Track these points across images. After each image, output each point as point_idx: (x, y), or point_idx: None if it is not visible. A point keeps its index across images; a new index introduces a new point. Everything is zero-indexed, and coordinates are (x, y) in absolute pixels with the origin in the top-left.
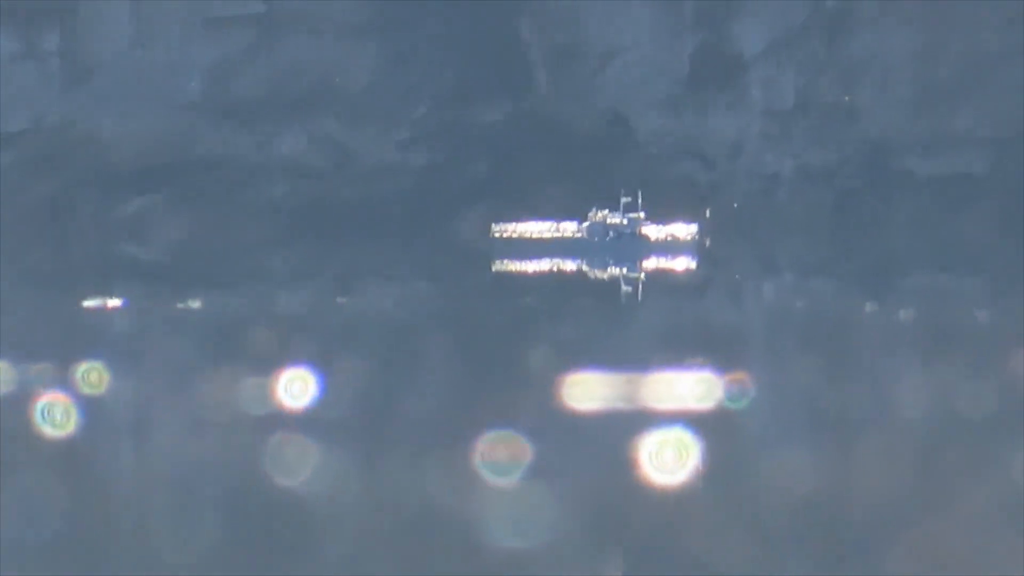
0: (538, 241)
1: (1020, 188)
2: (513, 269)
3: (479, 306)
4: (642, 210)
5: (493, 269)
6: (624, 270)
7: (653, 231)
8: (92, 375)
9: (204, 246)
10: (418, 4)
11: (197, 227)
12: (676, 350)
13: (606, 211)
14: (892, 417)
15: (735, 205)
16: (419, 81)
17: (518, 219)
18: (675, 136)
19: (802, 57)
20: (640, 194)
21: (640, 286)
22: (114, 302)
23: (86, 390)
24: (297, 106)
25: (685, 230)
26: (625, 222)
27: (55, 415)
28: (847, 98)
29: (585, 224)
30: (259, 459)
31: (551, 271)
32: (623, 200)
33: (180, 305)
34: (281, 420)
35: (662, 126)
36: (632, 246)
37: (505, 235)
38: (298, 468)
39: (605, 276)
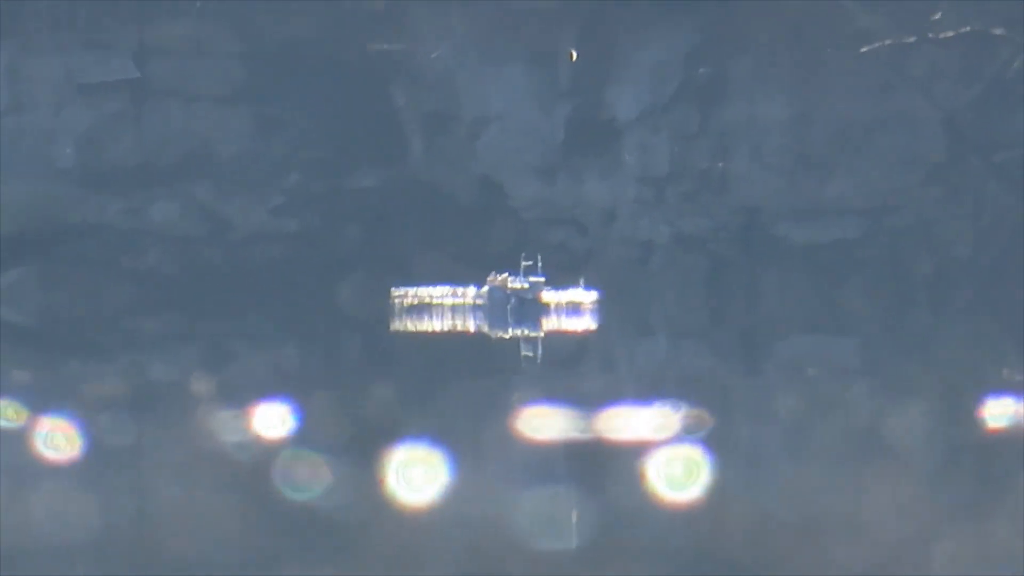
0: (438, 306)
1: (890, 255)
2: (406, 331)
3: (356, 372)
4: (542, 274)
5: (389, 331)
6: (524, 332)
7: (552, 296)
8: None
9: (77, 313)
10: (291, 71)
11: (71, 295)
12: (556, 417)
13: (506, 275)
14: (763, 485)
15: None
16: (292, 148)
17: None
18: (550, 202)
19: (676, 124)
20: (539, 258)
21: (540, 349)
22: None
23: None
24: (170, 173)
25: (585, 295)
26: (526, 286)
27: None
28: (720, 164)
29: (485, 289)
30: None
31: (450, 332)
32: (523, 264)
33: (51, 371)
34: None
35: (537, 192)
36: (533, 310)
37: (405, 300)
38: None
39: (506, 337)
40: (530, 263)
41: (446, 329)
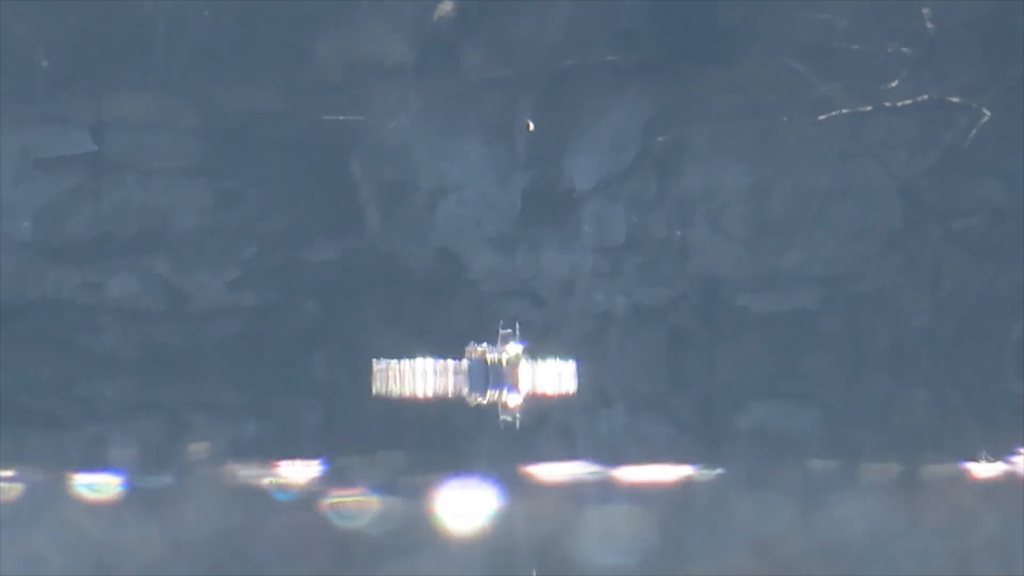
0: (420, 375)
1: (849, 323)
2: (387, 398)
3: (312, 442)
4: (521, 341)
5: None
6: (504, 398)
7: (530, 368)
8: None
9: (36, 387)
10: (247, 144)
11: (30, 369)
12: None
13: (484, 345)
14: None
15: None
16: (249, 221)
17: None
18: (507, 274)
19: (633, 193)
20: (517, 326)
21: (518, 417)
22: None
23: None
24: (128, 247)
25: (563, 366)
26: (504, 360)
27: None
28: (678, 233)
29: (464, 362)
30: None
31: (430, 399)
32: (501, 332)
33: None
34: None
35: (495, 264)
36: (511, 378)
37: (386, 370)
38: None
39: (484, 403)
40: (508, 331)
41: (428, 396)
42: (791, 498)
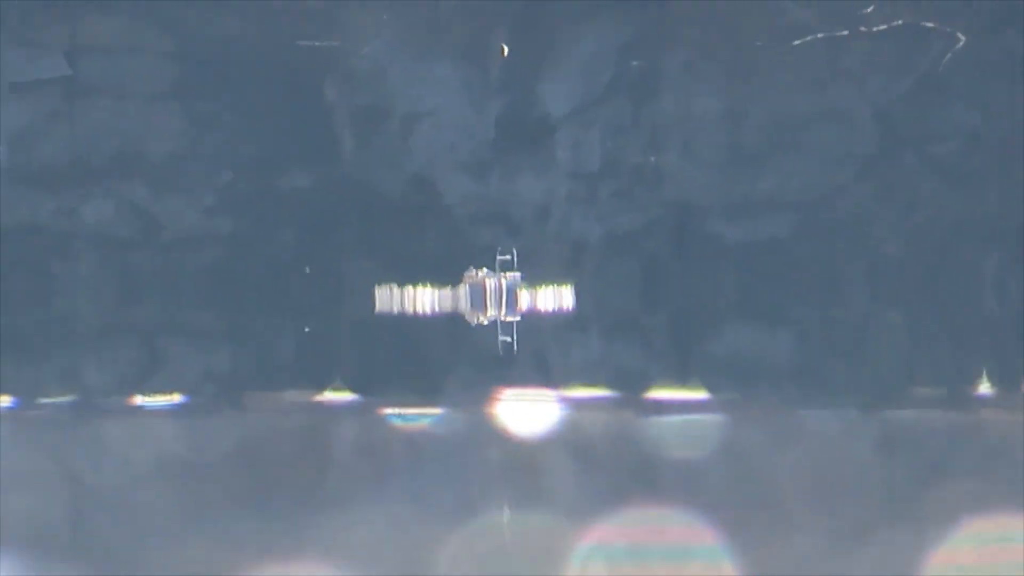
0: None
1: (824, 251)
2: (390, 313)
3: (291, 372)
4: (518, 269)
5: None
6: (503, 315)
7: (527, 294)
8: None
9: (11, 317)
10: (223, 69)
11: (4, 297)
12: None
13: (484, 269)
14: (697, 474)
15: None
16: (224, 146)
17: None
18: (482, 200)
19: (608, 118)
20: (515, 252)
21: (515, 336)
22: None
23: None
24: (102, 172)
25: (561, 291)
26: (504, 283)
27: None
28: (652, 159)
29: (463, 287)
30: None
31: (431, 316)
32: (499, 258)
33: None
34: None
35: (469, 190)
36: (511, 303)
37: (387, 296)
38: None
39: (485, 322)
40: (506, 257)
41: (428, 312)
42: (765, 420)
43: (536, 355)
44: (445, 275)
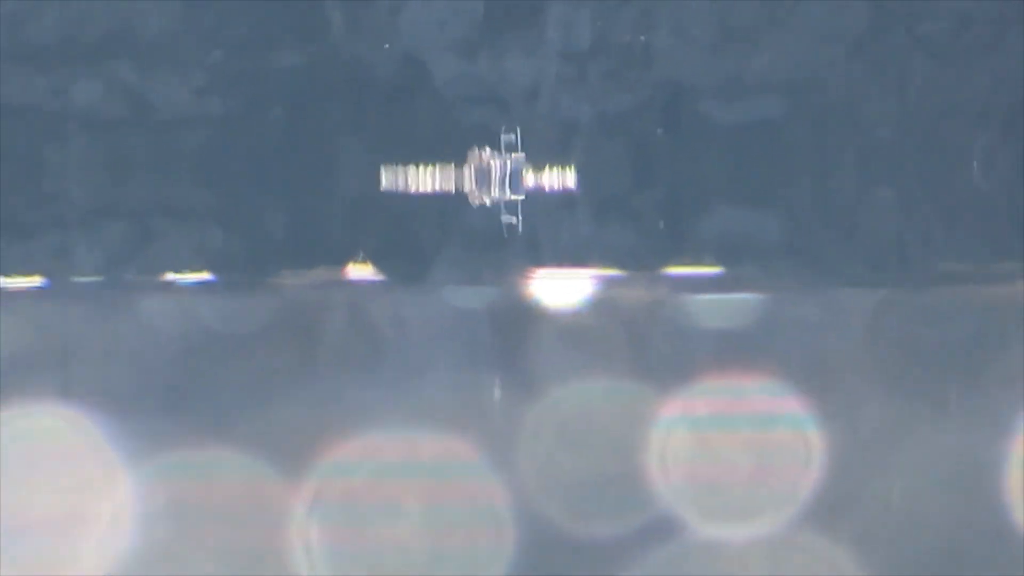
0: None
1: (814, 131)
2: (396, 191)
3: (279, 253)
4: (521, 150)
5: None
6: (508, 195)
7: (532, 174)
8: None
9: (4, 196)
10: None
11: None
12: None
13: (487, 150)
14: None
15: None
16: (214, 25)
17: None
18: (472, 80)
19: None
20: (519, 131)
21: (520, 218)
22: None
23: None
24: (92, 52)
25: (565, 173)
26: (509, 163)
27: None
28: (642, 38)
29: (468, 167)
30: None
31: (435, 194)
32: (504, 138)
33: None
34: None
35: (459, 70)
36: (515, 183)
37: (394, 176)
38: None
39: (488, 204)
40: (510, 136)
41: (433, 190)
42: (755, 300)
43: (537, 235)
44: (439, 155)
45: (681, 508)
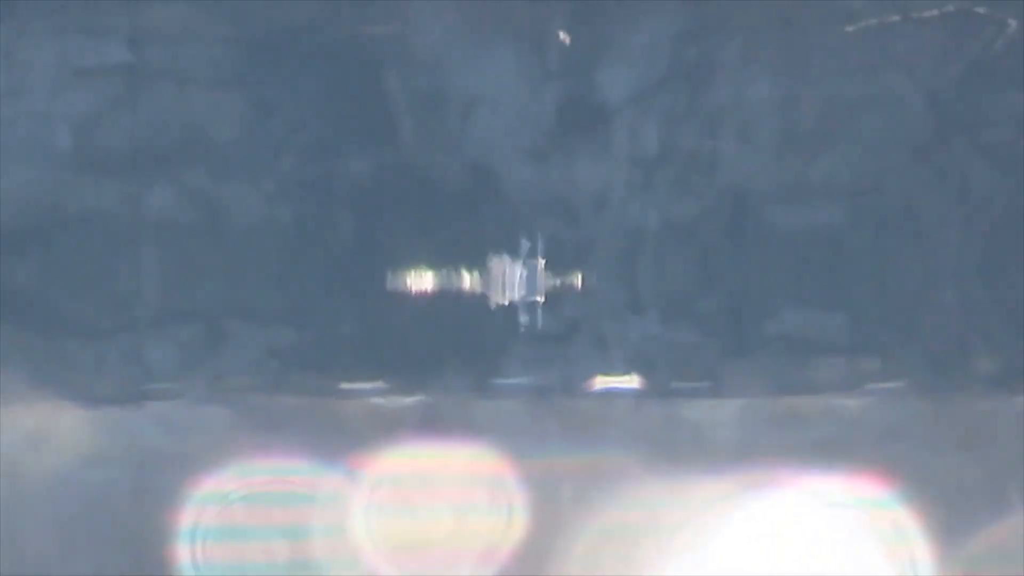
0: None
1: (876, 237)
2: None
3: (347, 344)
4: (542, 256)
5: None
6: (524, 296)
7: (552, 275)
8: None
9: (79, 302)
10: (283, 54)
11: (70, 284)
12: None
13: (506, 256)
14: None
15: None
16: (285, 132)
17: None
18: (541, 187)
19: (665, 105)
20: (540, 238)
21: (539, 315)
22: None
23: None
24: (165, 159)
25: (590, 275)
26: (525, 272)
27: None
28: (711, 144)
29: (486, 274)
30: None
31: (453, 295)
32: (524, 245)
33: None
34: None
35: (528, 176)
36: (532, 287)
37: (418, 279)
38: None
39: (505, 303)
40: (529, 244)
41: (454, 302)
42: (815, 397)
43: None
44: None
45: None
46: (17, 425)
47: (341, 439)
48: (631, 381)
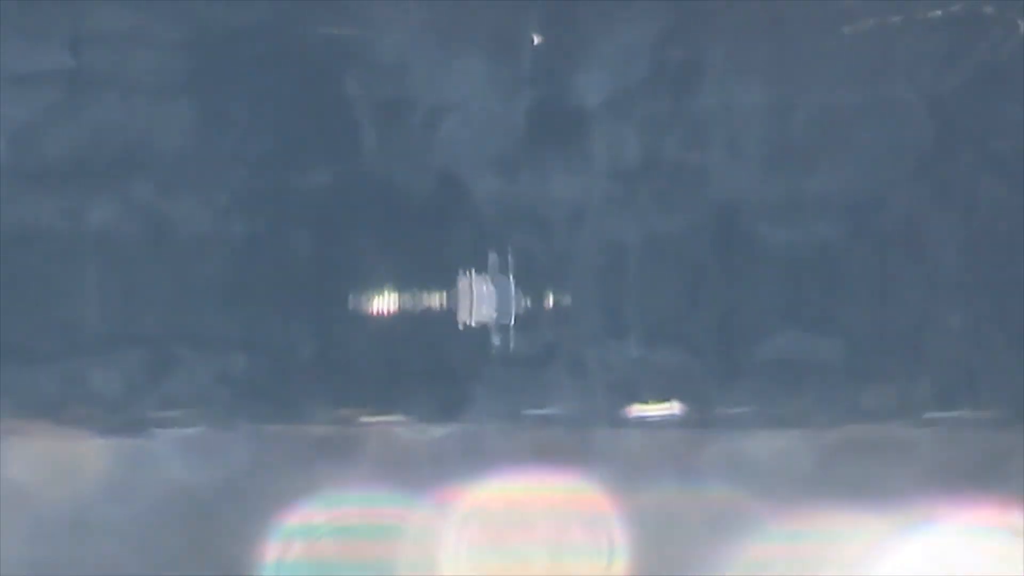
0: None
1: (877, 252)
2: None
3: (294, 373)
4: (512, 271)
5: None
6: (495, 317)
7: (523, 294)
8: None
9: (16, 321)
10: (236, 60)
11: (5, 304)
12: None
13: (473, 272)
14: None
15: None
16: (238, 142)
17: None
18: (511, 198)
19: (646, 112)
20: (510, 252)
21: (511, 337)
22: None
23: None
24: (109, 171)
25: (561, 294)
26: (494, 288)
27: None
28: (696, 153)
29: (455, 291)
30: None
31: (420, 316)
32: (491, 259)
33: None
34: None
35: (497, 187)
36: (504, 305)
37: (381, 298)
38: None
39: (473, 325)
40: (497, 258)
41: (418, 311)
42: (810, 428)
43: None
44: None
45: None
46: None
47: (296, 469)
48: (671, 408)
